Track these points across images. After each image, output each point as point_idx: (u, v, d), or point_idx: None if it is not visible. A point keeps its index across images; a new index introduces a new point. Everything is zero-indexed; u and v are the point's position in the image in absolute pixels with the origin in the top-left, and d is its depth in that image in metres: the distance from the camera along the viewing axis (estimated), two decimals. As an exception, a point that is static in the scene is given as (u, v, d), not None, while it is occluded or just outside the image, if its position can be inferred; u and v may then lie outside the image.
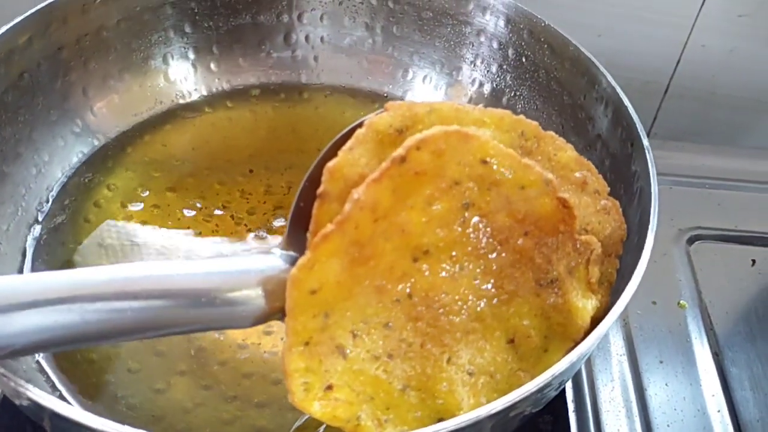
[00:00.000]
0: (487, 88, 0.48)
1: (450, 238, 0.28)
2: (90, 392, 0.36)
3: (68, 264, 0.41)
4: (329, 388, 0.27)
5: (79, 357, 0.36)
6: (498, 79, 0.47)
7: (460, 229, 0.29)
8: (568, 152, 0.33)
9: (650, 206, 0.32)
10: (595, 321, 0.30)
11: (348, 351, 0.28)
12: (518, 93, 0.46)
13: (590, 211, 0.32)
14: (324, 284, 0.27)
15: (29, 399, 0.26)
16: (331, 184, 0.28)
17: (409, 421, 0.28)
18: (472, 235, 0.29)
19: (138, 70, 0.46)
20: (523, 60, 0.45)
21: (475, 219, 0.29)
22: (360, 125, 0.29)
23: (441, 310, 0.29)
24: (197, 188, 0.44)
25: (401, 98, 0.50)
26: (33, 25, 0.40)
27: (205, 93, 0.48)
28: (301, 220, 0.29)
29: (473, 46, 0.47)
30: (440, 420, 0.28)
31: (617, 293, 0.30)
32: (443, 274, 0.29)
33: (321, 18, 0.49)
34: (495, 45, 0.46)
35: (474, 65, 0.48)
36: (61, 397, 0.35)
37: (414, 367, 0.29)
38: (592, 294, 0.31)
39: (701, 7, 0.58)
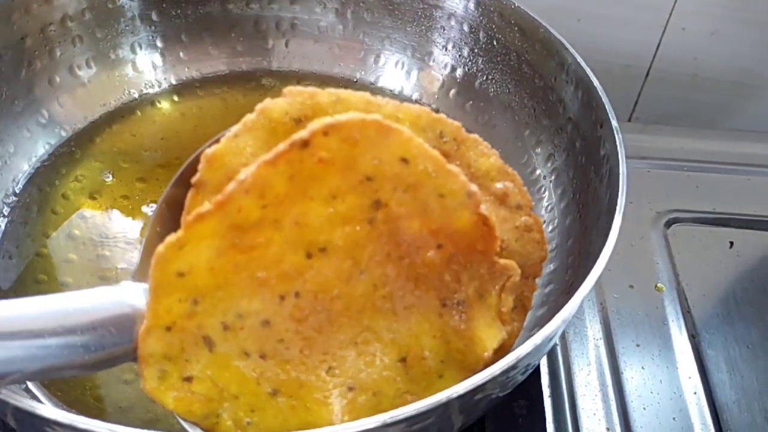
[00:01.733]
0: (459, 73, 0.47)
1: (352, 238, 0.26)
2: (57, 384, 0.35)
3: (37, 257, 0.40)
4: (188, 379, 0.25)
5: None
6: (470, 63, 0.47)
7: (365, 230, 0.26)
8: (491, 159, 0.30)
9: (618, 188, 0.32)
10: (506, 349, 0.28)
11: (215, 343, 0.25)
12: (490, 77, 0.46)
13: (508, 227, 0.29)
14: (194, 268, 0.24)
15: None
16: (209, 172, 0.25)
17: (274, 428, 0.26)
18: (377, 239, 0.26)
19: (105, 60, 0.46)
20: (494, 43, 0.45)
21: (385, 222, 0.26)
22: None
23: (329, 316, 0.26)
24: (167, 179, 0.43)
25: (373, 84, 0.49)
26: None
27: (174, 82, 0.48)
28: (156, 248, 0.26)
29: (444, 30, 0.47)
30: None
31: (584, 275, 0.30)
32: (338, 276, 0.26)
33: (291, 3, 0.49)
34: (466, 28, 0.46)
35: (445, 49, 0.47)
36: (27, 390, 0.34)
37: (288, 371, 0.26)
38: (500, 324, 0.28)
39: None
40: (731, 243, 0.50)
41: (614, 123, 0.35)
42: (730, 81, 0.66)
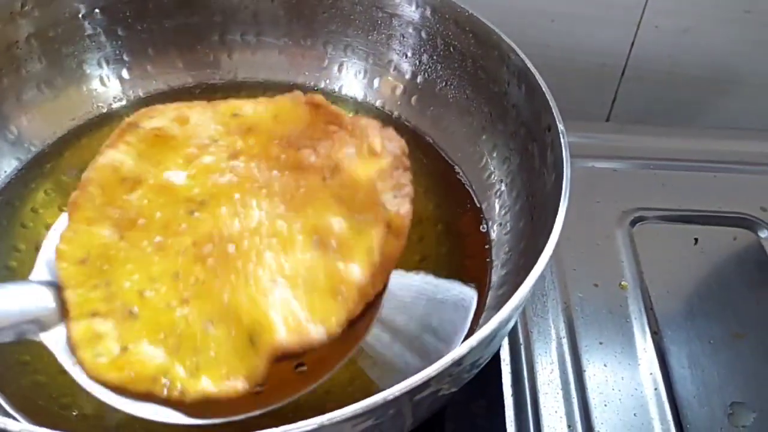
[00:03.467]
0: (419, 79, 0.48)
1: (225, 185, 0.30)
2: (24, 393, 0.36)
3: (7, 270, 0.41)
4: (124, 350, 0.27)
5: (11, 360, 0.37)
6: (429, 69, 0.47)
7: (232, 175, 0.31)
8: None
9: (562, 190, 0.33)
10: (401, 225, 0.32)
11: (137, 311, 0.28)
12: (449, 82, 0.46)
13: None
14: (91, 251, 0.28)
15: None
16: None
17: (223, 358, 0.28)
18: (246, 175, 0.31)
19: (72, 75, 0.46)
20: (452, 50, 0.45)
21: (245, 162, 0.31)
22: None
23: (229, 243, 0.29)
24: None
25: (337, 92, 0.50)
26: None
27: (142, 95, 0.49)
28: None
29: (404, 37, 0.48)
30: (252, 341, 0.28)
31: (522, 277, 0.30)
32: (226, 213, 0.30)
33: (255, 16, 0.49)
34: (424, 35, 0.47)
35: (406, 56, 0.48)
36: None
37: (211, 302, 0.28)
38: (376, 157, 0.32)
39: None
40: (696, 240, 0.51)
41: (560, 127, 0.36)
42: (705, 78, 0.66)
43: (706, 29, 0.62)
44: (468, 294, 0.39)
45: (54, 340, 0.29)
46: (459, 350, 0.27)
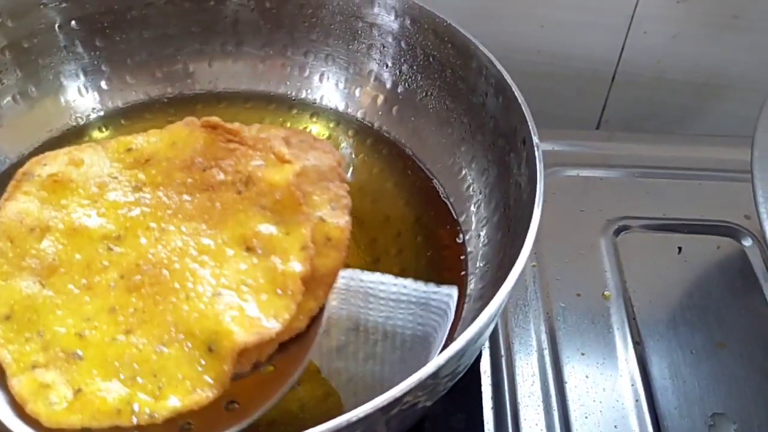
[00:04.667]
0: (400, 89, 0.48)
1: (138, 217, 0.31)
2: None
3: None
4: (78, 392, 0.27)
5: None
6: (409, 79, 0.47)
7: (142, 206, 0.31)
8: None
9: (534, 203, 0.32)
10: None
11: (80, 353, 0.28)
12: (429, 93, 0.46)
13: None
14: (14, 306, 0.28)
15: None
16: None
17: (185, 373, 0.28)
18: (157, 203, 0.32)
19: (49, 86, 0.46)
20: (431, 60, 0.45)
21: (152, 192, 0.32)
22: None
23: (160, 268, 0.30)
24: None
25: (318, 102, 0.50)
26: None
27: (121, 105, 0.48)
28: None
29: (384, 47, 0.47)
30: (211, 350, 0.28)
31: (495, 289, 0.30)
32: (147, 243, 0.30)
33: (235, 25, 0.49)
34: (404, 45, 0.46)
35: (386, 66, 0.48)
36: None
37: (157, 325, 0.29)
38: (286, 163, 0.33)
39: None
40: (679, 248, 0.50)
41: (535, 140, 0.35)
42: (695, 83, 0.66)
43: (695, 34, 0.62)
44: (446, 306, 0.39)
45: None
46: (429, 366, 0.27)
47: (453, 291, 0.39)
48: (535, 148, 0.35)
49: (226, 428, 0.28)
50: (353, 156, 0.48)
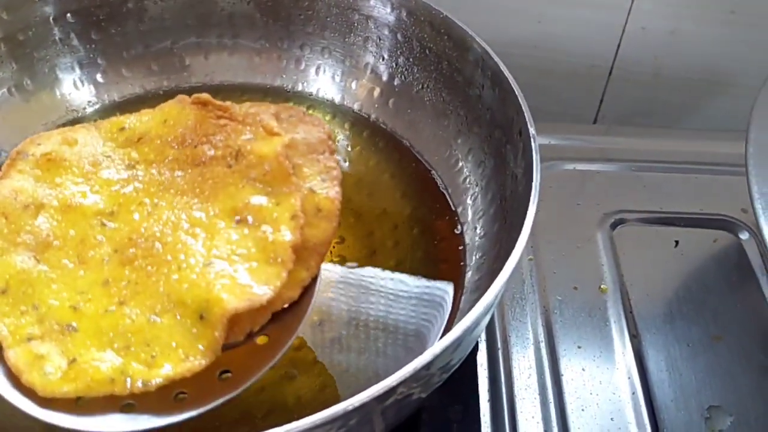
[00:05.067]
0: (396, 82, 0.48)
1: (131, 193, 0.32)
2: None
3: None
4: (73, 362, 0.27)
5: None
6: (405, 71, 0.47)
7: (136, 182, 0.32)
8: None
9: (530, 195, 0.32)
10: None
11: (75, 324, 0.28)
12: (426, 85, 0.46)
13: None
14: (9, 280, 0.29)
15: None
16: None
17: (177, 342, 0.28)
18: (149, 180, 0.32)
19: (44, 79, 0.46)
20: (427, 52, 0.45)
21: (145, 169, 0.33)
22: None
23: (153, 242, 0.30)
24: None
25: (314, 95, 0.50)
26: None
27: (117, 98, 0.48)
28: None
29: (380, 40, 0.47)
30: (202, 317, 0.29)
31: (491, 280, 0.30)
32: (140, 218, 0.31)
33: (231, 18, 0.49)
34: (400, 38, 0.46)
35: (382, 59, 0.48)
36: None
37: (150, 296, 0.29)
38: (275, 136, 0.34)
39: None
40: (676, 242, 0.50)
41: (531, 130, 0.35)
42: (692, 79, 0.66)
43: (693, 31, 0.62)
44: (442, 298, 0.39)
45: None
46: (422, 357, 0.27)
47: (449, 284, 0.39)
48: (532, 140, 0.35)
49: (219, 397, 0.28)
50: (349, 148, 0.48)
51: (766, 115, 0.44)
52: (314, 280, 0.32)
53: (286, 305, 0.31)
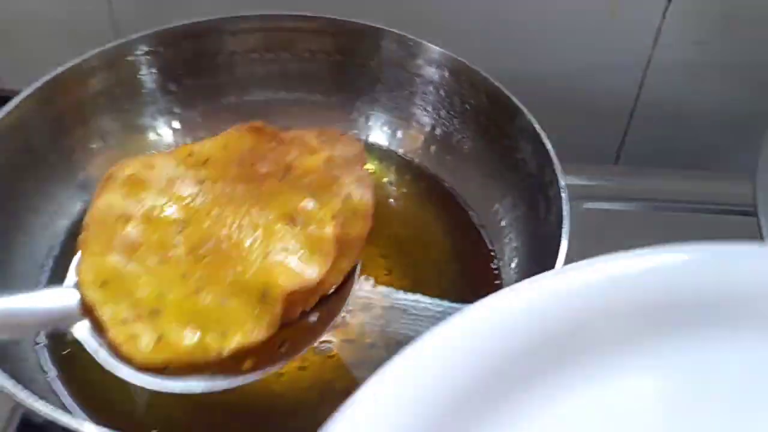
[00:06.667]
0: (438, 131, 0.54)
1: (200, 204, 0.39)
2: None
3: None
4: (160, 338, 0.34)
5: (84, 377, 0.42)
6: (447, 123, 0.53)
7: (204, 197, 0.39)
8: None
9: (559, 243, 0.37)
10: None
11: (160, 309, 0.35)
12: (465, 135, 0.52)
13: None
14: (107, 276, 0.35)
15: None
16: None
17: (244, 319, 0.35)
18: (216, 194, 0.39)
19: (131, 127, 0.52)
20: (467, 107, 0.51)
21: (211, 185, 0.40)
22: None
23: (220, 243, 0.37)
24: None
25: (364, 140, 0.55)
26: (39, 95, 0.46)
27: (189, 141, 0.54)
28: None
29: (425, 94, 0.53)
30: (264, 298, 0.35)
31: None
32: (209, 225, 0.38)
33: (302, 76, 0.55)
34: (442, 93, 0.52)
35: (426, 111, 0.54)
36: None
37: (220, 285, 0.36)
38: (318, 153, 0.41)
39: (656, 37, 0.61)
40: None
41: (562, 183, 0.41)
42: (714, 122, 0.68)
43: (712, 76, 0.63)
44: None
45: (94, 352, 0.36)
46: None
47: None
48: (562, 191, 0.40)
49: (277, 363, 0.36)
50: (395, 189, 0.54)
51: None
52: (353, 270, 0.39)
53: (332, 290, 0.38)
